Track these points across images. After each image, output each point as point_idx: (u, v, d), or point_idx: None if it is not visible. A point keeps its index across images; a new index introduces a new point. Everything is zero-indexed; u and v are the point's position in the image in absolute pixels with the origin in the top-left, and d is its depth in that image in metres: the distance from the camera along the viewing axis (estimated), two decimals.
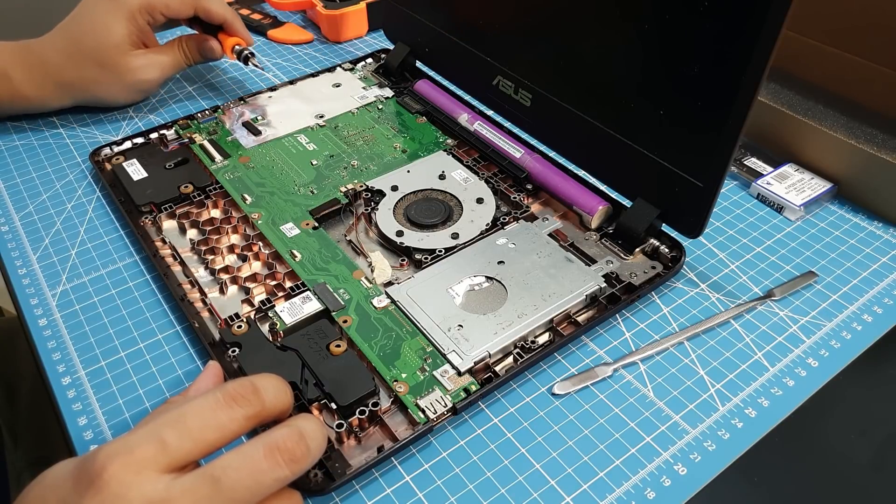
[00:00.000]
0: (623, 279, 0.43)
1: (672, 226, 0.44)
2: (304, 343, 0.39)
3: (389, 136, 0.55)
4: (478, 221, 0.47)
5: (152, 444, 0.26)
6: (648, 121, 0.42)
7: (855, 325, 0.42)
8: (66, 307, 0.44)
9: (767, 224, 0.49)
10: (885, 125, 0.49)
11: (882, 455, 0.36)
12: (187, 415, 0.27)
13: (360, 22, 0.72)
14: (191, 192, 0.49)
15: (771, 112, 0.52)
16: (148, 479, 0.25)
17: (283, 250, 0.45)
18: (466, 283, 0.43)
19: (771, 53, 0.34)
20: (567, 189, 0.48)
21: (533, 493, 0.34)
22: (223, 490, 0.25)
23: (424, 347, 0.39)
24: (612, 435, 0.36)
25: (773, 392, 0.38)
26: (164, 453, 0.26)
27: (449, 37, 0.56)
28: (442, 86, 0.60)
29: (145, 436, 0.26)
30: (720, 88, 0.37)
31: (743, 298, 0.44)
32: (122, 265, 0.47)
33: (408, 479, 0.35)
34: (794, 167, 0.52)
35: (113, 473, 0.25)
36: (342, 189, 0.50)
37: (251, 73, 0.67)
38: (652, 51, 0.41)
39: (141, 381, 0.39)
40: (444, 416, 0.36)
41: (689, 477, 0.35)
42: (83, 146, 0.57)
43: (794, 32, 0.53)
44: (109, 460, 0.25)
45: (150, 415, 0.30)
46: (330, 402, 0.36)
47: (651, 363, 0.40)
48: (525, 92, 0.51)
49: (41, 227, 0.50)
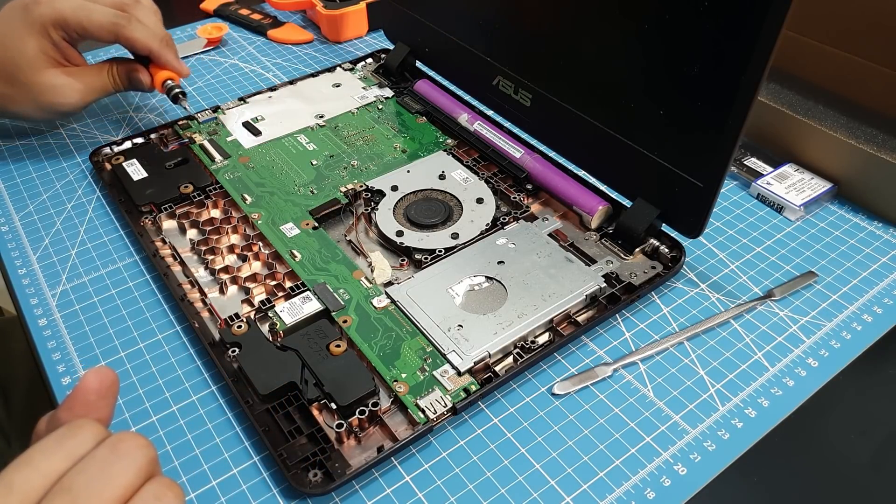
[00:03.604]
0: (623, 279, 0.43)
1: (672, 226, 0.44)
2: (304, 343, 0.39)
3: (389, 136, 0.55)
4: (478, 221, 0.47)
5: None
6: (648, 121, 0.42)
7: (855, 325, 0.42)
8: (66, 307, 0.44)
9: (767, 224, 0.49)
10: (885, 125, 0.49)
11: (882, 455, 0.36)
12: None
13: (360, 22, 0.72)
14: (191, 192, 0.49)
15: (771, 112, 0.52)
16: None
17: (283, 250, 0.45)
18: (466, 283, 0.43)
19: (771, 53, 0.34)
20: (567, 189, 0.48)
21: (533, 493, 0.34)
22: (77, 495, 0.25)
23: (424, 347, 0.39)
24: (611, 435, 0.36)
25: (773, 392, 0.38)
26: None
27: (449, 37, 0.56)
28: (442, 86, 0.60)
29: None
30: (720, 88, 0.37)
31: (743, 298, 0.44)
32: (122, 265, 0.47)
33: (408, 479, 0.35)
34: (794, 167, 0.52)
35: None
36: (342, 189, 0.50)
37: (251, 73, 0.67)
38: (652, 51, 0.41)
39: (141, 381, 0.39)
40: (444, 416, 0.36)
41: (689, 477, 0.35)
42: (83, 146, 0.57)
43: (794, 32, 0.53)
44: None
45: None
46: (330, 402, 0.36)
47: (651, 363, 0.40)
48: (525, 92, 0.51)
49: (41, 227, 0.50)
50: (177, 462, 0.36)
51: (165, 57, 0.51)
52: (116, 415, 0.38)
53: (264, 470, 0.35)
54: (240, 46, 0.71)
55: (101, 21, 0.48)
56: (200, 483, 0.35)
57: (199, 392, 0.39)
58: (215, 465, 0.36)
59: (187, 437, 0.37)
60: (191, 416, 0.38)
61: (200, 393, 0.39)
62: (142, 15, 0.50)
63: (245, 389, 0.37)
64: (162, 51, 0.51)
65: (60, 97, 0.51)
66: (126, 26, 0.49)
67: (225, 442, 0.37)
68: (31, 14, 0.48)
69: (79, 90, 0.51)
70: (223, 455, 0.36)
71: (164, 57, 0.51)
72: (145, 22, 0.50)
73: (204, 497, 0.34)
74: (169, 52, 0.51)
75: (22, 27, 0.48)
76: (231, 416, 0.38)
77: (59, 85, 0.50)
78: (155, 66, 0.52)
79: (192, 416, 0.38)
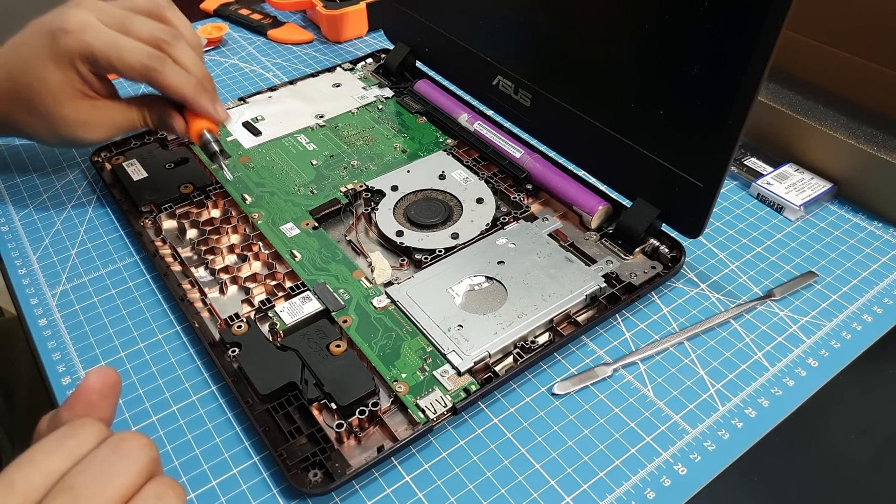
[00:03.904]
0: (623, 279, 0.43)
1: (672, 226, 0.44)
2: (304, 343, 0.39)
3: (389, 136, 0.55)
4: (478, 221, 0.47)
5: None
6: (648, 121, 0.42)
7: (855, 325, 0.42)
8: (66, 307, 0.44)
9: (767, 224, 0.49)
10: (885, 125, 0.49)
11: (882, 455, 0.36)
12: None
13: (360, 22, 0.72)
14: (191, 192, 0.49)
15: (771, 112, 0.52)
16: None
17: (283, 250, 0.45)
18: (466, 283, 0.43)
19: (771, 53, 0.34)
20: (567, 189, 0.48)
21: (533, 493, 0.34)
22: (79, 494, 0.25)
23: (424, 347, 0.39)
24: (612, 435, 0.36)
25: (773, 392, 0.38)
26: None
27: (449, 37, 0.56)
28: (442, 86, 0.60)
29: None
30: (720, 88, 0.37)
31: (743, 298, 0.44)
32: (122, 265, 0.47)
33: (408, 479, 0.35)
34: (794, 167, 0.52)
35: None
36: (342, 189, 0.50)
37: (251, 73, 0.67)
38: (652, 51, 0.41)
39: (141, 381, 0.39)
40: (444, 416, 0.36)
41: (689, 477, 0.35)
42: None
43: (794, 32, 0.53)
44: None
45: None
46: (330, 402, 0.36)
47: (651, 363, 0.40)
48: (525, 92, 0.51)
49: (41, 227, 0.50)
50: (177, 462, 0.36)
51: (201, 105, 0.45)
52: (116, 415, 0.38)
53: (264, 470, 0.35)
54: (240, 46, 0.71)
55: (131, 62, 0.43)
56: (200, 483, 0.35)
57: (199, 392, 0.39)
58: (215, 465, 0.36)
59: (187, 437, 0.37)
60: (191, 416, 0.38)
61: (200, 393, 0.39)
62: (180, 52, 0.45)
63: (245, 389, 0.37)
64: (197, 98, 0.45)
65: (83, 132, 0.46)
66: (159, 71, 0.44)
67: (225, 442, 0.37)
68: (58, 43, 0.43)
69: (104, 127, 0.47)
70: (223, 455, 0.36)
71: (198, 105, 0.45)
72: (183, 61, 0.45)
73: (204, 497, 0.34)
74: (205, 99, 0.45)
75: (46, 55, 0.44)
76: (231, 416, 0.38)
77: (83, 121, 0.46)
78: (191, 112, 0.47)
79: (192, 416, 0.38)
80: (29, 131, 0.47)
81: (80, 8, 0.44)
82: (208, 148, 0.46)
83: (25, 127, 0.47)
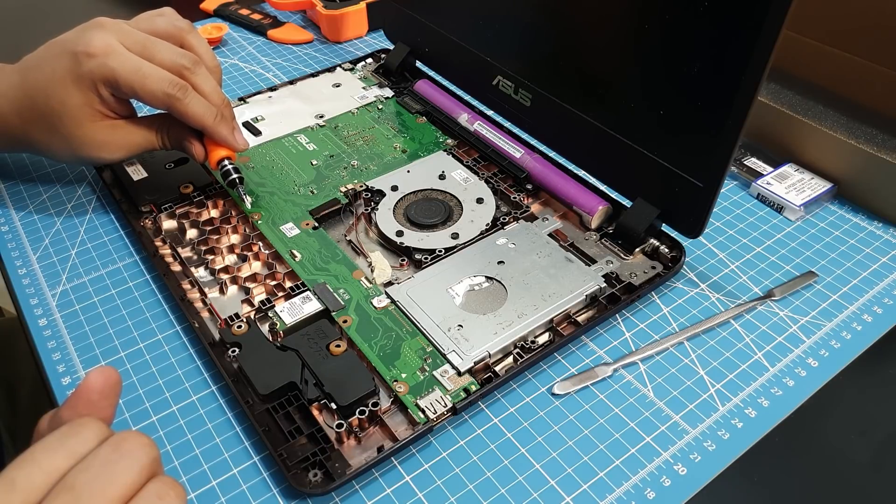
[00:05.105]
0: (623, 279, 0.43)
1: (672, 226, 0.44)
2: (304, 343, 0.39)
3: (389, 136, 0.55)
4: (478, 221, 0.47)
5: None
6: (648, 121, 0.42)
7: (855, 325, 0.42)
8: (66, 307, 0.44)
9: (767, 224, 0.49)
10: (885, 125, 0.49)
11: (882, 455, 0.36)
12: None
13: (360, 22, 0.72)
14: (191, 192, 0.49)
15: (771, 112, 0.52)
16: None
17: (283, 250, 0.45)
18: (466, 283, 0.43)
19: (771, 53, 0.34)
20: (567, 189, 0.48)
21: (533, 493, 0.34)
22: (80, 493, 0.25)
23: (424, 347, 0.39)
24: (612, 435, 0.36)
25: (773, 392, 0.38)
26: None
27: (449, 37, 0.56)
28: (442, 86, 0.60)
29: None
30: (720, 88, 0.37)
31: (743, 298, 0.44)
32: (122, 265, 0.47)
33: (408, 479, 0.35)
34: (794, 167, 0.52)
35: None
36: (342, 189, 0.50)
37: (251, 73, 0.67)
38: (652, 51, 0.41)
39: (141, 381, 0.39)
40: (444, 416, 0.36)
41: (689, 477, 0.35)
42: None
43: (794, 32, 0.53)
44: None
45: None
46: (330, 402, 0.36)
47: (651, 363, 0.40)
48: (525, 92, 0.51)
49: (41, 227, 0.50)
50: (177, 462, 0.36)
51: (220, 135, 0.46)
52: (117, 414, 0.38)
53: (264, 470, 0.35)
54: (240, 46, 0.71)
55: (153, 91, 0.43)
56: (200, 483, 0.35)
57: (199, 392, 0.39)
58: (215, 465, 0.36)
59: (187, 437, 0.37)
60: (191, 416, 0.38)
61: (200, 393, 0.39)
62: (201, 80, 0.45)
63: (245, 389, 0.37)
64: (217, 128, 0.45)
65: (101, 153, 0.46)
66: (180, 100, 0.44)
67: (225, 442, 0.37)
68: (81, 66, 0.43)
69: (122, 148, 0.47)
70: (223, 455, 0.36)
71: (218, 135, 0.46)
72: (203, 89, 0.45)
73: (204, 497, 0.34)
74: (224, 128, 0.46)
75: (68, 77, 0.44)
76: (231, 416, 0.38)
77: (102, 141, 0.46)
78: (210, 140, 0.47)
79: (192, 416, 0.38)
80: (46, 149, 0.47)
81: (103, 31, 0.44)
82: (228, 178, 0.47)
83: (42, 145, 0.47)
